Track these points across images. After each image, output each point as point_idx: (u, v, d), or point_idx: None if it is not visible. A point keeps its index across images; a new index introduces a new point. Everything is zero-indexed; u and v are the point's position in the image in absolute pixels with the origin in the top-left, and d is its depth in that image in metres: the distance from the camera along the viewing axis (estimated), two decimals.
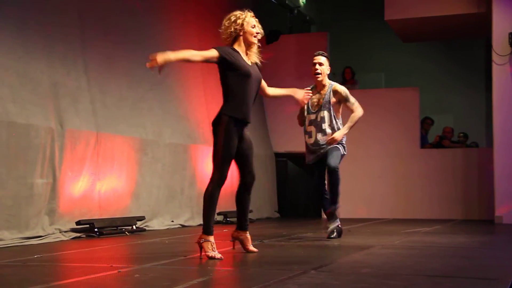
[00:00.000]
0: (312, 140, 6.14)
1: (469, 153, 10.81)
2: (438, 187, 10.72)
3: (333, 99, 6.06)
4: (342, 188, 11.92)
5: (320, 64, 6.07)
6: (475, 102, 12.77)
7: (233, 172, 5.22)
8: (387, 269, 3.89)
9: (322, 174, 6.25)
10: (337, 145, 6.10)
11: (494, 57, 9.31)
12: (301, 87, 6.42)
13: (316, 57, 6.12)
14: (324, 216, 11.31)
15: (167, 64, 4.16)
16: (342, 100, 6.10)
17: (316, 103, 6.09)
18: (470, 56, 12.95)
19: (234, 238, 5.02)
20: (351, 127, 6.15)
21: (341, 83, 11.73)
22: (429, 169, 10.83)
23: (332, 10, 13.63)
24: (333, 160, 5.99)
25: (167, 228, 7.77)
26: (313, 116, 6.11)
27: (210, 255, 4.37)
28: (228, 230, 7.77)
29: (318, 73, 6.05)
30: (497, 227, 8.50)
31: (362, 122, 11.12)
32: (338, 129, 6.12)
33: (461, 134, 11.39)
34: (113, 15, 7.51)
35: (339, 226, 6.24)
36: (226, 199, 9.62)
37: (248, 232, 4.97)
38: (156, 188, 7.90)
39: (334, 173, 6.00)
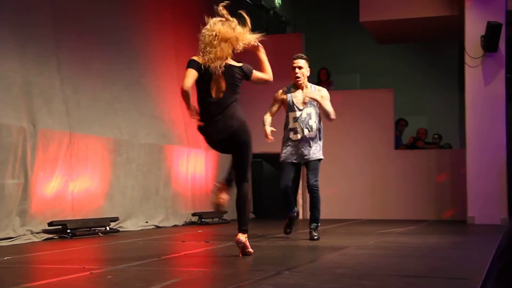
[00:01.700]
0: (299, 136, 6.20)
1: (443, 154, 10.92)
2: (412, 188, 10.81)
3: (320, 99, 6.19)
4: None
5: (300, 67, 6.17)
6: (449, 104, 12.91)
7: (207, 173, 5.19)
8: (361, 270, 3.90)
9: (297, 177, 6.46)
10: (318, 157, 6.42)
11: (467, 60, 9.42)
12: (277, 87, 6.45)
13: (295, 61, 6.21)
14: (301, 216, 11.38)
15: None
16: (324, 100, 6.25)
17: (302, 101, 6.18)
18: (444, 57, 13.09)
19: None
20: (326, 106, 6.20)
21: (316, 84, 11.85)
22: (404, 170, 10.92)
23: (308, 11, 13.67)
24: (313, 177, 6.31)
25: (141, 229, 7.72)
26: (299, 113, 6.17)
27: (251, 251, 4.63)
28: (202, 231, 7.75)
29: (298, 77, 6.17)
30: (470, 227, 8.60)
31: (339, 122, 11.25)
32: (318, 128, 6.31)
33: (436, 136, 11.51)
34: (87, 15, 7.43)
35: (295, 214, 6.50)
36: (201, 200, 9.62)
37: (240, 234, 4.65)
38: (130, 188, 7.85)
39: (315, 192, 6.34)
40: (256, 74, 4.79)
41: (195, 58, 4.55)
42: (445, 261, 4.50)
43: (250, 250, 4.66)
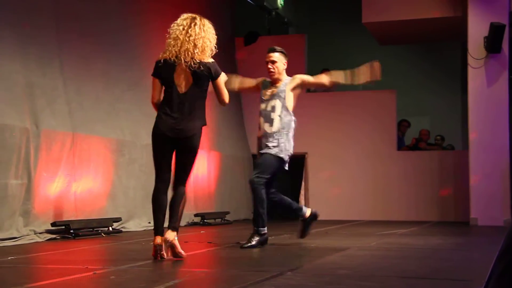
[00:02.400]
0: (261, 133, 5.62)
1: (445, 156, 10.92)
2: (414, 189, 10.81)
3: (290, 85, 5.63)
4: (320, 190, 11.99)
5: (273, 62, 5.65)
6: (452, 105, 12.90)
7: (202, 174, 5.19)
8: (363, 271, 3.90)
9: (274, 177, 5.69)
10: (273, 152, 5.50)
11: (470, 61, 9.42)
12: None
13: (268, 55, 5.70)
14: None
15: None
16: (302, 79, 5.72)
17: (269, 93, 5.66)
18: (447, 58, 13.09)
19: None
20: (318, 80, 5.84)
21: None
22: (406, 171, 10.92)
23: (310, 12, 13.68)
24: (257, 172, 5.50)
25: (144, 230, 7.73)
26: (263, 106, 5.65)
27: (182, 252, 4.37)
28: (205, 231, 7.76)
29: (272, 71, 5.65)
30: (472, 228, 8.59)
31: (340, 124, 11.33)
32: (285, 122, 5.58)
33: (438, 137, 11.50)
34: (89, 16, 7.45)
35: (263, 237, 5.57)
36: (204, 201, 9.63)
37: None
38: (133, 189, 7.86)
39: (252, 189, 5.47)
40: (221, 82, 4.60)
41: (159, 57, 4.55)
42: (448, 263, 4.51)
43: (181, 251, 4.39)
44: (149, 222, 8.01)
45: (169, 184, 4.62)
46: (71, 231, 6.40)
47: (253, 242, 5.38)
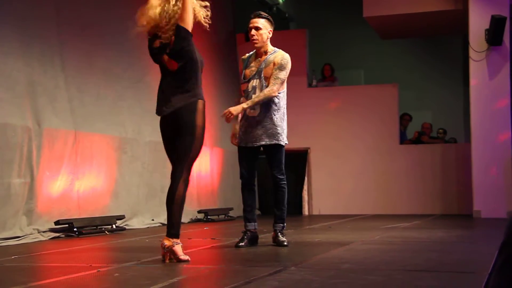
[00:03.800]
0: (241, 114, 5.12)
1: (448, 149, 10.91)
2: (417, 182, 10.81)
3: (269, 68, 5.03)
4: (323, 184, 12.02)
5: (257, 28, 5.02)
6: (454, 98, 12.88)
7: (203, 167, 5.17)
8: (367, 264, 3.90)
9: (253, 166, 5.16)
10: (279, 139, 5.02)
11: (471, 53, 9.40)
12: None
13: (252, 20, 5.06)
14: (306, 212, 11.40)
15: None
16: (275, 66, 5.01)
17: (248, 72, 5.09)
18: (449, 52, 13.06)
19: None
20: (254, 103, 4.94)
21: (321, 80, 11.88)
22: (409, 165, 10.92)
23: (311, 7, 13.65)
24: (278, 169, 5.05)
25: (148, 227, 7.74)
26: (244, 86, 5.09)
27: (184, 258, 4.03)
28: (208, 228, 7.76)
29: (255, 39, 5.04)
30: (475, 221, 8.59)
31: (343, 118, 11.33)
32: (271, 103, 5.00)
33: (441, 130, 11.49)
34: (91, 14, 7.44)
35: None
36: (207, 197, 9.64)
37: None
38: (136, 186, 7.86)
39: (282, 187, 5.07)
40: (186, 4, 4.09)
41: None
42: (451, 255, 4.50)
43: (183, 257, 4.02)
44: (153, 220, 8.02)
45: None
46: (74, 229, 6.41)
47: (284, 238, 5.14)
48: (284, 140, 5.09)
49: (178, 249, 4.04)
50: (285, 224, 5.17)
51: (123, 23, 8.00)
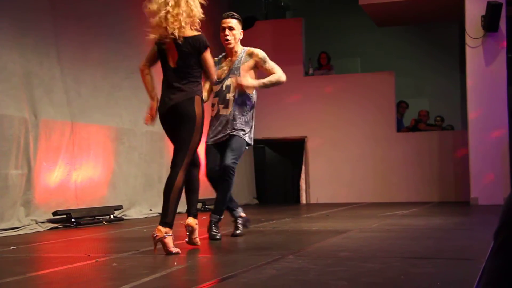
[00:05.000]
0: (214, 113, 5.07)
1: (445, 136, 10.93)
2: (415, 170, 10.83)
3: (248, 64, 5.01)
4: (321, 173, 12.00)
5: (231, 28, 5.01)
6: (451, 85, 12.88)
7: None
8: (365, 252, 3.92)
9: (218, 161, 5.20)
10: (240, 135, 5.00)
11: (468, 40, 9.39)
12: None
13: (225, 20, 5.03)
14: (303, 201, 11.42)
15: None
16: (259, 63, 5.02)
17: (220, 73, 5.00)
18: (445, 38, 13.04)
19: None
20: (266, 85, 4.99)
21: (317, 69, 11.86)
22: (406, 152, 10.93)
23: None
24: (229, 158, 4.96)
25: (145, 217, 7.75)
26: (218, 87, 5.01)
27: (174, 251, 3.96)
28: (206, 217, 7.77)
29: (228, 40, 5.01)
30: (473, 208, 8.62)
31: (339, 107, 11.32)
32: (244, 102, 4.99)
33: (438, 118, 11.50)
34: (86, 4, 7.40)
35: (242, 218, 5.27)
36: (204, 187, 9.63)
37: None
38: (133, 177, 7.87)
39: (226, 177, 5.01)
40: (208, 56, 4.21)
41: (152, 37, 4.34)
42: (449, 242, 4.52)
43: (173, 249, 3.95)
44: (150, 210, 8.03)
45: (195, 164, 4.44)
46: (72, 220, 6.42)
47: (241, 228, 5.16)
48: (247, 138, 5.03)
49: (169, 241, 3.98)
50: (222, 216, 5.09)
51: (119, 14, 8.01)
